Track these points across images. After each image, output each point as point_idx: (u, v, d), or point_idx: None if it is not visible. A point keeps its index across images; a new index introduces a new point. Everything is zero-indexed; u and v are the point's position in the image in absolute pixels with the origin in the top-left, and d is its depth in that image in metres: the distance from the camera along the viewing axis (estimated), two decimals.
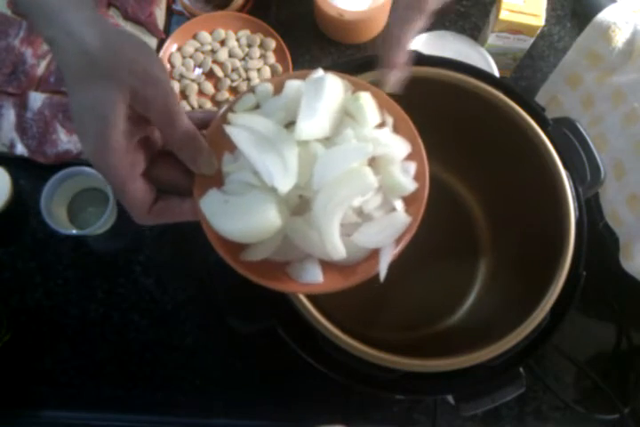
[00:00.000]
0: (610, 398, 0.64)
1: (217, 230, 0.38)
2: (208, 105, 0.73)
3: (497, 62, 0.69)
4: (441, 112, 0.54)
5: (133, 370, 0.66)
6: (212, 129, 0.41)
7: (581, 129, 0.52)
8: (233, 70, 0.74)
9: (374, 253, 0.40)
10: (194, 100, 0.73)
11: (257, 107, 0.42)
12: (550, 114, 0.51)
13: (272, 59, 0.74)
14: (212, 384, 0.63)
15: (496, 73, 0.68)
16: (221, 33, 0.74)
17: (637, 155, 0.58)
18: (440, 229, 0.63)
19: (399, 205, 0.40)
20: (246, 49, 0.74)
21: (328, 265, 0.40)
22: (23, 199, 0.70)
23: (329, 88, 0.40)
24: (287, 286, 0.40)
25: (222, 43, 0.75)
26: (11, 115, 0.70)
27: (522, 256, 0.56)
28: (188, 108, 0.72)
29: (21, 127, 0.69)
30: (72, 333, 0.67)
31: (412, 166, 0.40)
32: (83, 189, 0.71)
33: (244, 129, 0.40)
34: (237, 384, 0.65)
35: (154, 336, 0.67)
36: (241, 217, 0.37)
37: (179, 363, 0.67)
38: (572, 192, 0.47)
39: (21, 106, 0.70)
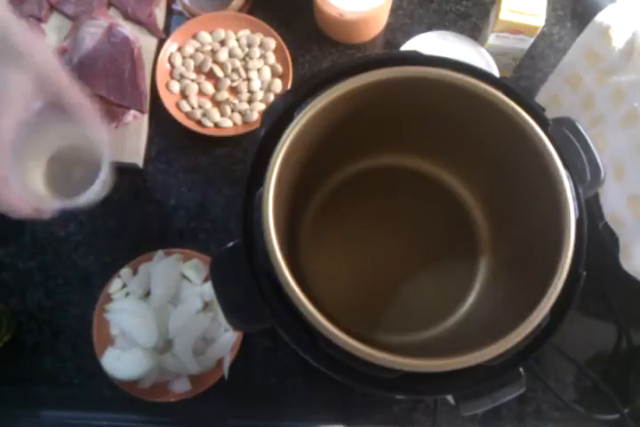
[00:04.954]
0: (610, 398, 0.64)
1: (117, 378, 0.61)
2: (208, 105, 0.73)
3: (497, 62, 0.69)
4: (440, 112, 0.54)
5: None
6: (97, 315, 0.64)
7: (581, 129, 0.52)
8: (233, 70, 0.74)
9: (219, 362, 0.64)
10: (194, 100, 0.73)
11: (124, 286, 0.65)
12: (550, 114, 0.51)
13: (272, 59, 0.74)
14: (212, 384, 0.63)
15: (496, 73, 0.68)
16: (221, 33, 0.74)
17: (637, 155, 0.58)
18: (439, 230, 0.63)
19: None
20: (246, 49, 0.74)
21: (192, 377, 0.63)
22: None
23: (166, 264, 0.64)
24: (171, 397, 0.62)
25: (222, 43, 0.75)
26: None
27: (521, 256, 0.56)
28: (188, 108, 0.72)
29: None
30: (72, 333, 0.67)
31: None
32: (65, 147, 0.53)
33: (118, 312, 0.64)
34: (237, 384, 0.65)
35: None
36: (128, 368, 0.61)
37: None
38: (572, 192, 0.47)
39: None
